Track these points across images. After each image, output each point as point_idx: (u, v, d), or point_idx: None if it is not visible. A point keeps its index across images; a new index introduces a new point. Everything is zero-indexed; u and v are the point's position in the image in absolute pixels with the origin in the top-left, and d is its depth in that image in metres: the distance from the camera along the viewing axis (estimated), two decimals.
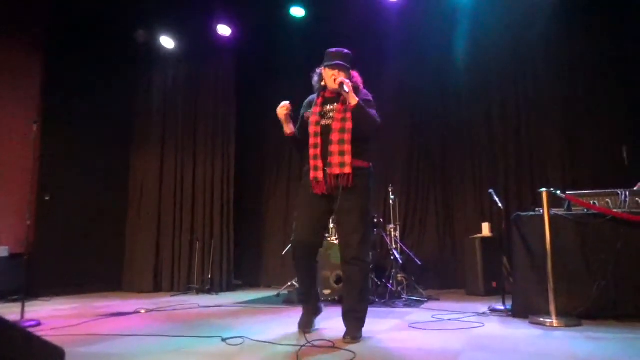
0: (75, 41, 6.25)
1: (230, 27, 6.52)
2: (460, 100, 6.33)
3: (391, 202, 5.44)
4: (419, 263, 5.42)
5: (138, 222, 6.74)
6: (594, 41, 5.65)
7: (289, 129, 3.05)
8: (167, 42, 6.72)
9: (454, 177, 6.31)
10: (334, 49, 3.06)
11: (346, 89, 2.81)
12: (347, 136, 2.84)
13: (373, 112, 2.93)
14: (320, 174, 2.89)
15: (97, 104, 6.45)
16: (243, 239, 7.12)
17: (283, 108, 3.00)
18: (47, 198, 5.77)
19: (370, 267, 4.38)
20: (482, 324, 3.31)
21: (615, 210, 3.48)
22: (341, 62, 2.97)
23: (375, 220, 5.16)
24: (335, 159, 2.84)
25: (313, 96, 3.15)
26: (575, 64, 5.75)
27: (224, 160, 6.74)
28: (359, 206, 2.86)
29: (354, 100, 2.81)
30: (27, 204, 4.06)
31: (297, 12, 6.28)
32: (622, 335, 2.86)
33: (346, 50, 3.06)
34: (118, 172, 6.86)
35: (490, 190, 4.41)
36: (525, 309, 3.52)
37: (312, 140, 2.94)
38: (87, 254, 6.16)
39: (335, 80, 2.90)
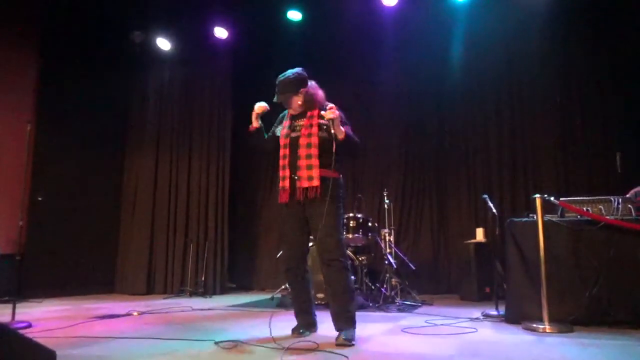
0: (70, 41, 6.23)
1: (227, 30, 6.53)
2: (455, 106, 6.36)
3: (386, 206, 5.45)
4: (413, 268, 5.43)
5: (131, 223, 6.71)
6: (588, 49, 5.70)
7: (256, 123, 3.19)
8: (164, 43, 6.71)
9: (448, 182, 6.33)
10: (278, 79, 3.12)
11: (335, 123, 2.88)
12: (314, 151, 2.97)
13: (349, 130, 3.01)
14: (287, 183, 3.03)
15: (91, 104, 6.41)
16: (237, 242, 7.11)
17: (260, 107, 3.16)
18: (40, 199, 5.73)
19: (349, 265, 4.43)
20: (475, 330, 3.31)
21: (608, 217, 3.50)
22: (284, 92, 3.06)
23: (370, 225, 5.16)
24: (303, 173, 2.97)
25: (286, 111, 3.29)
26: (569, 71, 5.79)
27: (219, 163, 6.73)
28: (332, 210, 2.96)
29: (341, 134, 2.92)
30: (20, 205, 4.04)
31: (294, 15, 6.30)
32: (614, 341, 2.87)
33: (292, 74, 3.10)
34: (112, 173, 6.83)
35: (485, 196, 4.43)
36: (518, 315, 3.53)
37: (281, 152, 3.10)
38: (79, 256, 6.13)
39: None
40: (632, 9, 5.26)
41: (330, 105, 2.98)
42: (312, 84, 3.17)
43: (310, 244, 3.46)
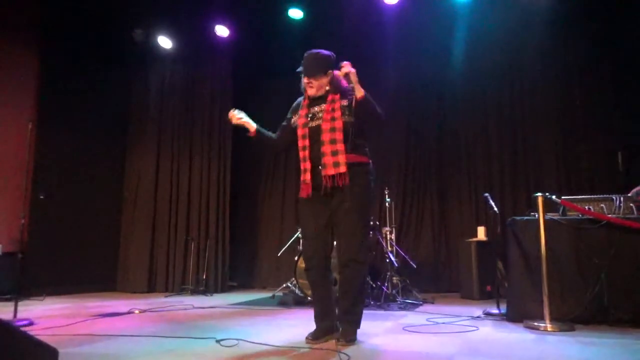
0: (71, 40, 6.22)
1: (228, 28, 6.52)
2: (456, 104, 6.36)
3: (387, 204, 5.45)
4: (414, 266, 5.43)
5: (133, 221, 6.71)
6: (589, 48, 5.69)
7: (251, 127, 2.98)
8: (165, 42, 6.70)
9: (450, 180, 6.33)
10: (308, 53, 2.96)
11: (352, 79, 2.71)
12: (339, 135, 2.76)
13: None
14: (307, 177, 2.82)
15: (92, 103, 6.42)
16: (238, 240, 7.11)
17: (232, 118, 2.96)
18: (41, 197, 5.73)
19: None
20: (476, 328, 3.31)
21: (609, 215, 3.50)
22: (313, 68, 2.89)
23: (372, 223, 5.17)
24: (328, 160, 2.75)
25: (300, 99, 3.08)
26: (571, 69, 5.79)
27: (219, 161, 6.73)
28: (358, 207, 2.77)
29: (360, 92, 2.73)
30: (22, 203, 4.05)
31: (295, 13, 6.28)
32: (615, 340, 2.87)
33: (324, 52, 2.95)
34: (113, 172, 6.83)
35: (486, 194, 4.42)
36: (519, 313, 3.53)
37: (300, 143, 2.87)
38: (81, 254, 6.14)
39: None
40: (634, 8, 5.24)
41: (345, 62, 2.74)
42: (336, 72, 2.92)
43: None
